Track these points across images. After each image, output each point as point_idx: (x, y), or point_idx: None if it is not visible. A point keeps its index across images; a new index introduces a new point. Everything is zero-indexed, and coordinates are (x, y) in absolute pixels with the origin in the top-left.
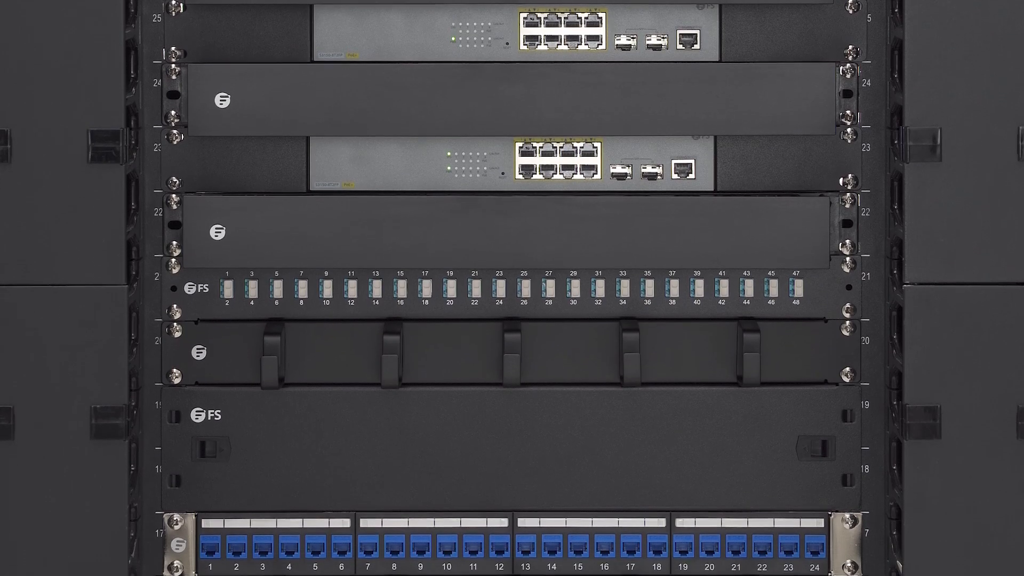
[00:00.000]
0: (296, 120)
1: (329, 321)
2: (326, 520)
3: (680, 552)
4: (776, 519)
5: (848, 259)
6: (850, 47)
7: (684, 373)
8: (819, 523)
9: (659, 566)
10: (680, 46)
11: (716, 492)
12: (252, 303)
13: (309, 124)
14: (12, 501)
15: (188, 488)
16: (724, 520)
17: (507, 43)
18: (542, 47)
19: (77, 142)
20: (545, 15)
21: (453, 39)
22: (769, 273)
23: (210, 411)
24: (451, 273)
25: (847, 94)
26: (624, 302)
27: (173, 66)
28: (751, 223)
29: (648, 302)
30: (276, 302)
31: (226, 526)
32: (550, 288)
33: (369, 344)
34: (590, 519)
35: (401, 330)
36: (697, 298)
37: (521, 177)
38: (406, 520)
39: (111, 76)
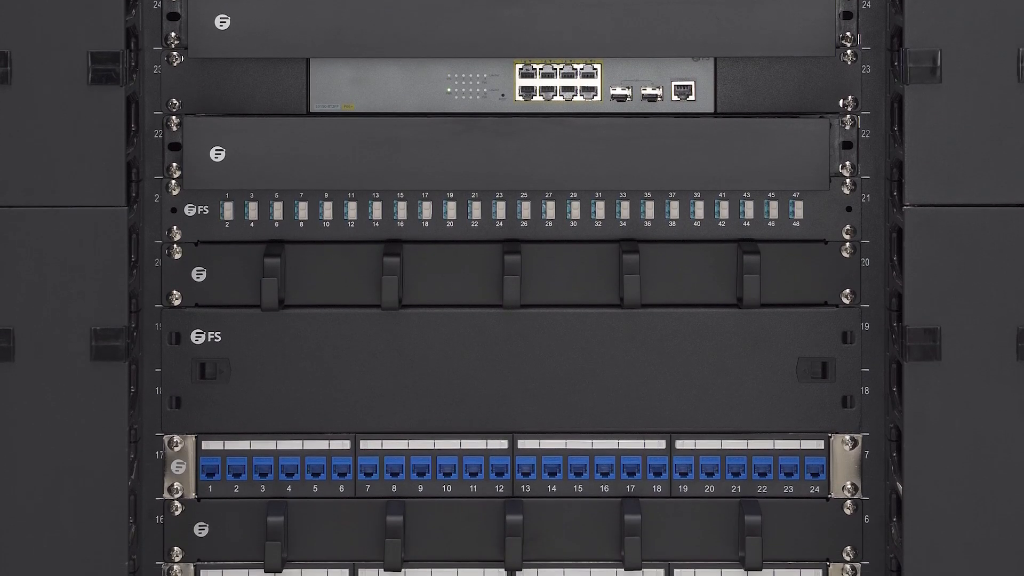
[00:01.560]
0: (296, 41)
1: (329, 243)
2: (326, 442)
3: (680, 474)
4: (776, 441)
5: (848, 181)
6: None
7: (684, 295)
8: (819, 445)
9: (659, 488)
10: None
11: (716, 414)
12: (252, 225)
13: (309, 45)
14: (12, 423)
15: (188, 410)
16: (724, 442)
17: None
18: None
19: (77, 64)
20: None
21: None
22: (769, 195)
23: (210, 333)
24: (451, 195)
25: (847, 15)
26: (624, 224)
27: None
28: (751, 145)
29: (648, 224)
30: (276, 224)
31: (226, 448)
32: (550, 210)
33: (369, 266)
34: (590, 441)
35: (401, 252)
36: (697, 220)
37: (521, 99)
38: (406, 442)
39: None
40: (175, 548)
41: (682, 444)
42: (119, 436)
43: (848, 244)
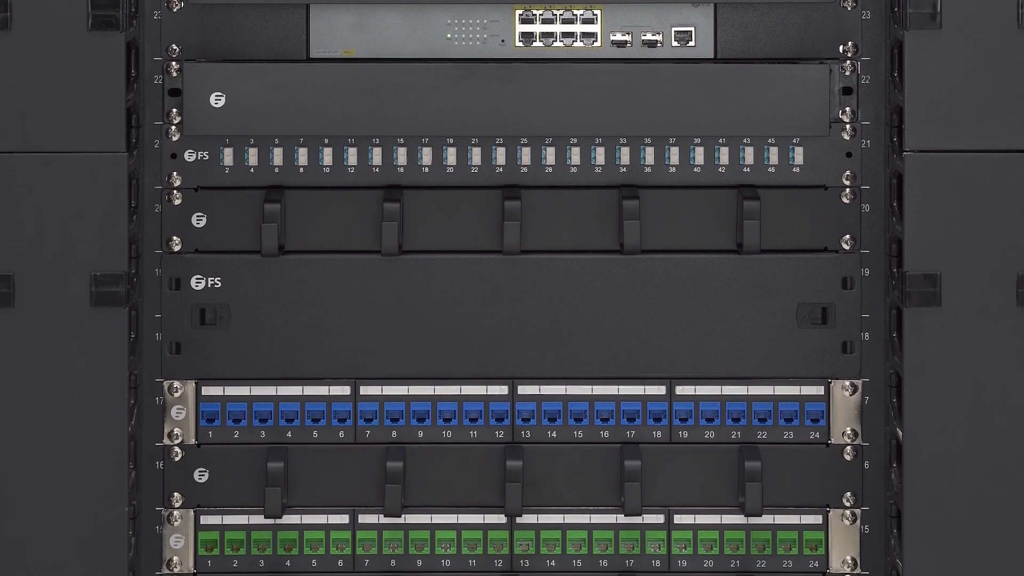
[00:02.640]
0: None
1: (329, 189)
2: (326, 387)
3: (680, 419)
4: (776, 386)
5: (848, 127)
6: None
7: (684, 240)
8: (819, 391)
9: (659, 433)
10: None
11: (716, 359)
12: (252, 171)
13: None
14: (12, 369)
15: (188, 355)
16: (724, 388)
17: None
18: None
19: (77, 9)
20: None
21: None
22: (769, 140)
23: (210, 278)
24: (451, 140)
25: None
26: (624, 169)
27: None
28: (751, 90)
29: (648, 169)
30: (276, 170)
31: (226, 393)
32: (550, 155)
33: (369, 211)
34: (590, 386)
35: (401, 197)
36: (697, 165)
37: (521, 45)
38: (406, 387)
39: None
40: (175, 494)
41: (682, 390)
42: (119, 382)
43: (848, 190)
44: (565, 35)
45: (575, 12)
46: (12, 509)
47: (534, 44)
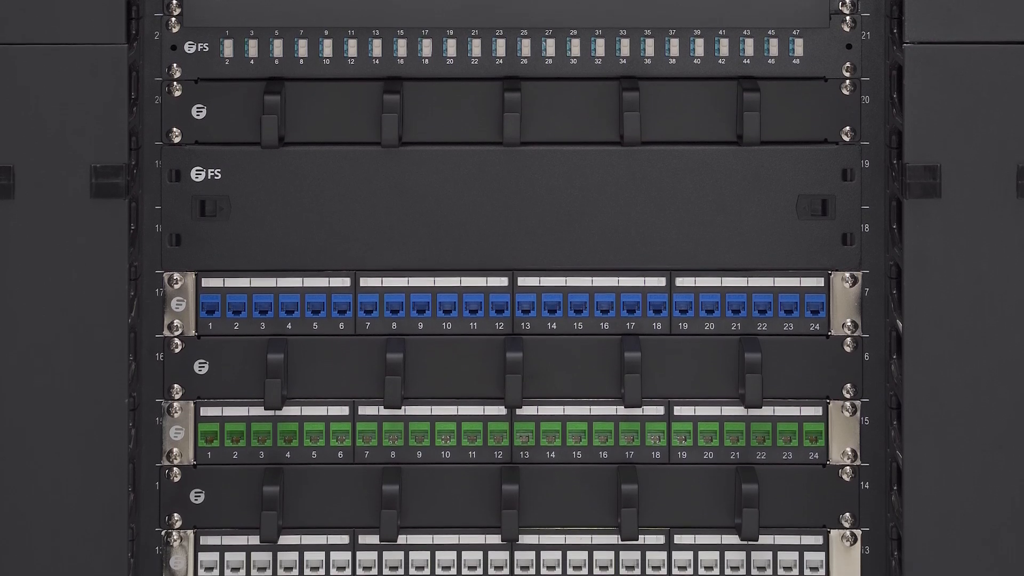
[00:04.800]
0: None
1: (329, 80)
2: (326, 279)
3: (680, 311)
4: (776, 278)
5: (848, 18)
6: None
7: (684, 132)
8: (819, 282)
9: (659, 325)
10: None
11: (716, 251)
12: (252, 62)
13: None
14: (12, 261)
15: (188, 247)
16: (724, 279)
17: None
18: None
19: None
20: None
21: None
22: (769, 32)
23: (210, 170)
24: (451, 32)
25: None
26: (624, 61)
27: None
28: None
29: (648, 61)
30: (276, 61)
31: (226, 285)
32: (550, 47)
33: (369, 103)
34: (590, 278)
35: (401, 89)
36: (697, 57)
37: None
38: (406, 279)
39: None
40: (175, 385)
41: (682, 281)
42: (119, 274)
43: (848, 81)
44: None
45: None
46: (11, 403)
47: None
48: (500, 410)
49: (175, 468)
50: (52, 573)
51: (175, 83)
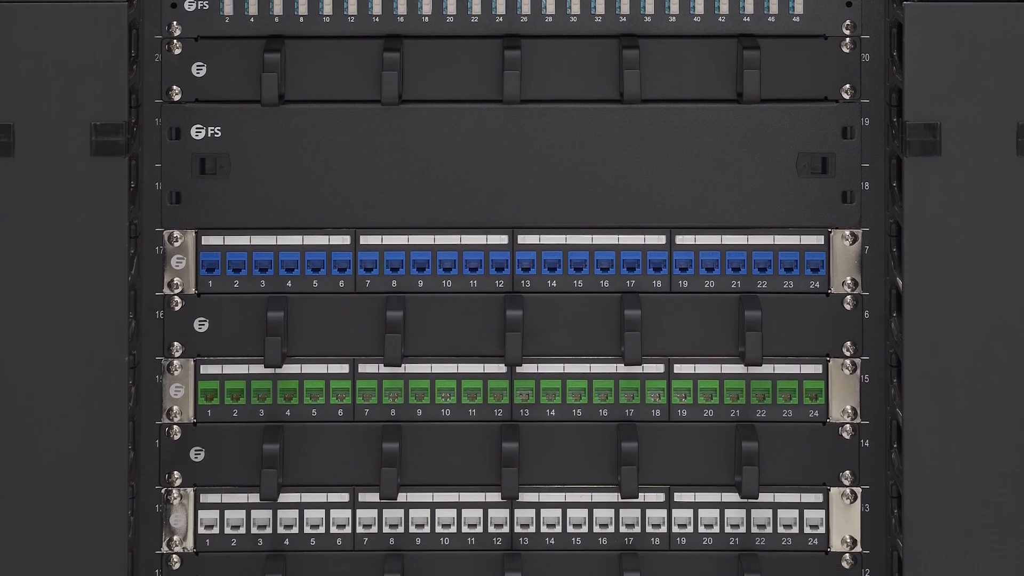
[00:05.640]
0: None
1: (329, 38)
2: (326, 237)
3: (680, 269)
4: (776, 236)
5: None
6: None
7: (684, 90)
8: (819, 240)
9: (659, 283)
10: None
11: (716, 209)
12: (252, 20)
13: None
14: (12, 218)
15: (188, 205)
16: (724, 237)
17: None
18: None
19: None
20: None
21: None
22: None
23: (210, 128)
24: None
25: None
26: (624, 19)
27: None
28: None
29: (648, 19)
30: (276, 19)
31: (226, 243)
32: (550, 5)
33: (369, 61)
34: (590, 236)
35: (401, 47)
36: (697, 15)
37: None
38: (406, 237)
39: None
40: (175, 343)
41: (682, 239)
42: (119, 231)
43: (848, 39)
44: None
45: None
46: (12, 358)
47: None
48: (500, 368)
49: (175, 426)
50: (52, 530)
51: (175, 41)
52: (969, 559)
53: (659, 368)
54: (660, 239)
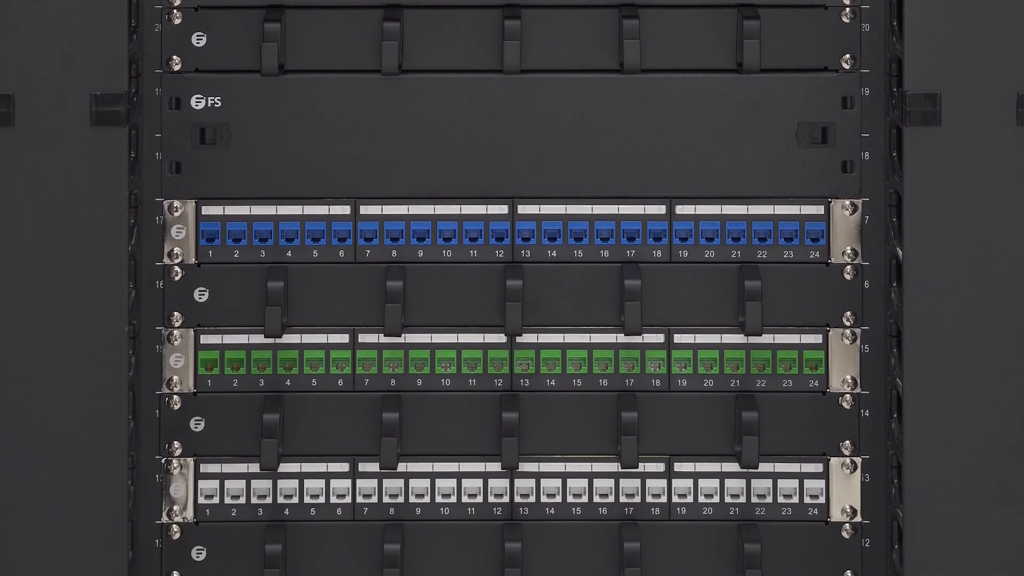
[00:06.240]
0: None
1: (329, 8)
2: (326, 207)
3: (680, 239)
4: (776, 206)
5: None
6: None
7: (684, 60)
8: (819, 210)
9: (659, 253)
10: None
11: (716, 179)
12: None
13: None
14: (12, 188)
15: (188, 175)
16: (724, 207)
17: None
18: None
19: None
20: None
21: None
22: None
23: (210, 98)
24: None
25: None
26: None
27: None
28: None
29: None
30: None
31: (226, 213)
32: None
33: (369, 31)
34: (590, 206)
35: (401, 17)
36: None
37: None
38: (406, 207)
39: None
40: (175, 313)
41: (682, 209)
42: (119, 201)
43: (848, 9)
44: None
45: None
46: (11, 327)
47: None
48: (500, 338)
49: (175, 396)
50: (52, 500)
51: (175, 11)
52: (969, 529)
53: (659, 338)
54: (660, 209)
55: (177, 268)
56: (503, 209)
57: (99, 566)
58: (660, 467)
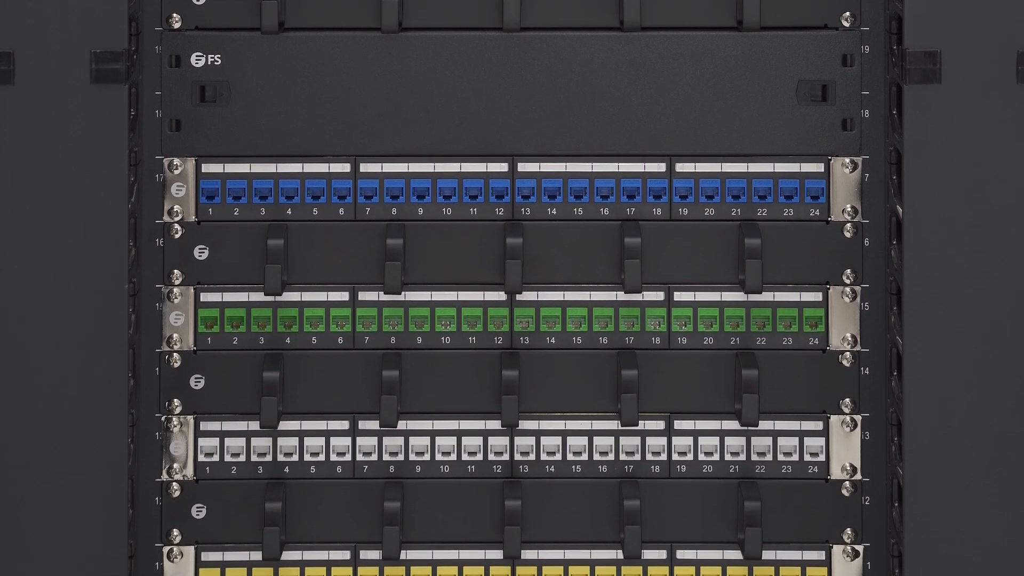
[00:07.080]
0: None
1: None
2: (326, 165)
3: (680, 197)
4: (776, 163)
5: None
6: None
7: (684, 18)
8: (819, 167)
9: (659, 211)
10: None
11: (716, 136)
12: None
13: None
14: (12, 147)
15: (188, 132)
16: (724, 164)
17: None
18: None
19: None
20: None
21: None
22: None
23: (210, 55)
24: None
25: None
26: None
27: None
28: None
29: None
30: None
31: (226, 171)
32: None
33: None
34: (590, 164)
35: None
36: None
37: None
38: (406, 165)
39: None
40: (175, 271)
41: (682, 167)
42: (119, 159)
43: None
44: None
45: None
46: (9, 285)
47: None
48: (500, 296)
49: (175, 354)
50: (53, 458)
51: None
52: (969, 487)
53: (659, 296)
54: (660, 167)
55: (177, 226)
56: (503, 167)
57: (99, 523)
58: (660, 425)
